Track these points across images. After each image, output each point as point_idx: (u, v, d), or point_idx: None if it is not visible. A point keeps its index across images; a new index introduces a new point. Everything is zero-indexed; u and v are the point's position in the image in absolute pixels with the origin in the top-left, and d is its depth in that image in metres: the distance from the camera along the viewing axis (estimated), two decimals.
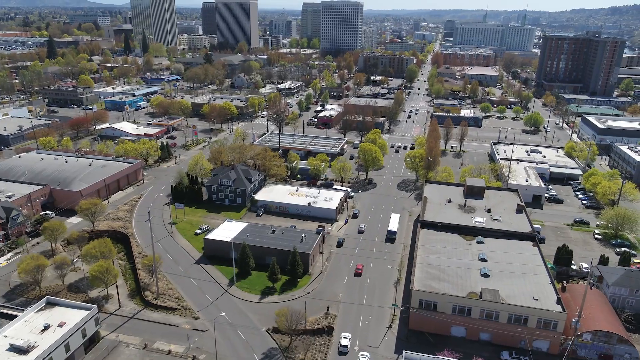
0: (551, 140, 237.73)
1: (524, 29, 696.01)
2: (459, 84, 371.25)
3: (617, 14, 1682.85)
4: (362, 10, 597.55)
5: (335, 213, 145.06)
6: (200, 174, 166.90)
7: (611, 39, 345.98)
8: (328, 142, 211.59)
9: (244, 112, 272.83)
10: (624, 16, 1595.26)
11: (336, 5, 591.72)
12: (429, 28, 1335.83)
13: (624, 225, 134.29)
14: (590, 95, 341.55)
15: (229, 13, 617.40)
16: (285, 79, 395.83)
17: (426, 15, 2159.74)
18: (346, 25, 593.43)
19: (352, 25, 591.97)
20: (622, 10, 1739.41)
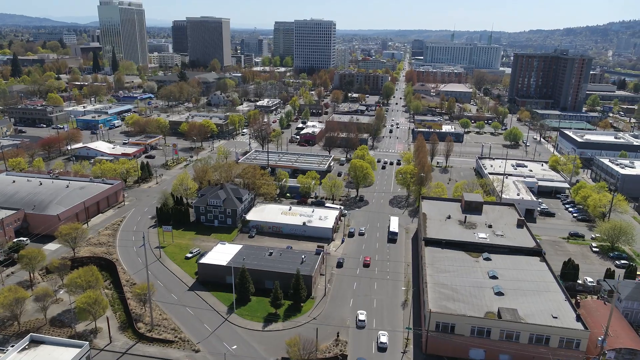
0: (532, 155, 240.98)
1: (491, 47, 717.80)
2: (435, 100, 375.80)
3: (571, 35, 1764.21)
4: (334, 28, 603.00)
5: (332, 232, 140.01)
6: (185, 194, 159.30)
7: (579, 56, 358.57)
8: (315, 159, 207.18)
9: (224, 130, 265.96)
10: (577, 36, 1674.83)
11: (309, 24, 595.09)
12: (396, 47, 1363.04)
13: (620, 237, 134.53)
14: (561, 110, 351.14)
15: (201, 31, 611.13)
16: (262, 96, 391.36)
17: (392, 35, 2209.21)
18: (319, 44, 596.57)
19: (325, 43, 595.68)
20: (576, 31, 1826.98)
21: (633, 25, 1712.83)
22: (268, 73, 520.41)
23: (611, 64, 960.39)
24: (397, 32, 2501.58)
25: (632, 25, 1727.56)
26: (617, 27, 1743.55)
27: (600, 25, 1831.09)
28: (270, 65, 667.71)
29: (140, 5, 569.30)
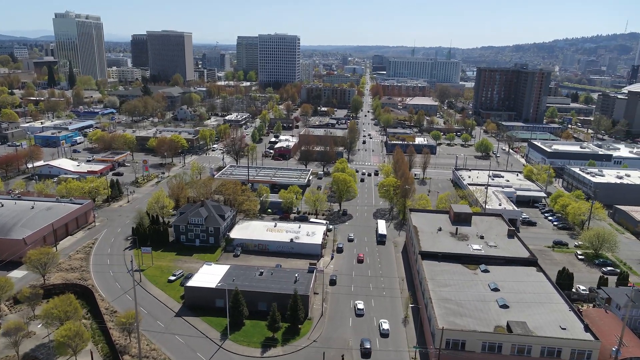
0: (504, 165, 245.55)
1: (451, 62, 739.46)
2: (404, 113, 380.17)
3: (520, 51, 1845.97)
4: (299, 43, 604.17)
5: (321, 248, 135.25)
6: (161, 212, 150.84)
7: (538, 70, 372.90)
8: (293, 174, 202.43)
9: (195, 145, 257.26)
10: (526, 53, 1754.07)
11: (273, 38, 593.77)
12: (356, 62, 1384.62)
13: (603, 244, 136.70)
14: (523, 122, 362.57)
15: (162, 45, 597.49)
16: (229, 110, 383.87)
17: (351, 50, 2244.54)
18: (284, 58, 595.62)
19: (290, 58, 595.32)
20: (525, 47, 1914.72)
21: (576, 43, 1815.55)
22: (233, 87, 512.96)
23: (559, 78, 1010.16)
24: (356, 47, 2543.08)
25: (575, 42, 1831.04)
26: (561, 44, 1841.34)
27: (547, 42, 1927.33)
28: (234, 79, 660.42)
29: (99, 19, 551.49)
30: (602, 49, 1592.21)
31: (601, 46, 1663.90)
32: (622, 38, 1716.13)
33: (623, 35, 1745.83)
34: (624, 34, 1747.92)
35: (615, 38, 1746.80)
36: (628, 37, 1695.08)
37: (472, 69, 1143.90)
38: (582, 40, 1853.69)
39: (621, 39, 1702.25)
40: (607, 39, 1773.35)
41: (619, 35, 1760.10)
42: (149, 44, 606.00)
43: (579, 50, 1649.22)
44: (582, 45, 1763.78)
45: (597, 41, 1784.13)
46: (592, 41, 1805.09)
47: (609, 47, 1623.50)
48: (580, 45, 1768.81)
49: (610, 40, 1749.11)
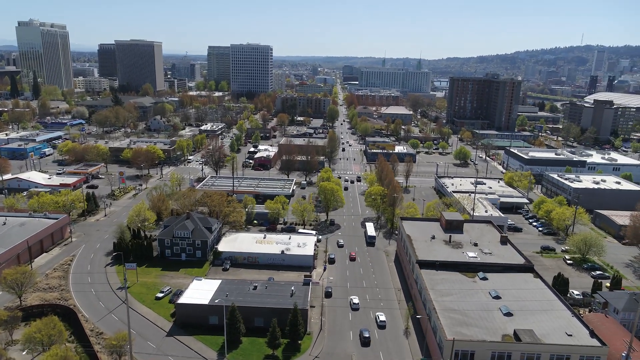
0: (484, 173, 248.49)
1: (421, 72, 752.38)
2: (379, 122, 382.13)
3: (484, 62, 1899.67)
4: (271, 53, 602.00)
5: (313, 260, 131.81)
6: (143, 226, 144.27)
7: (509, 80, 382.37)
8: (277, 184, 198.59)
9: (171, 156, 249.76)
10: (490, 64, 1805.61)
11: (245, 48, 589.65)
12: (326, 73, 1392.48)
13: (590, 249, 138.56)
14: (496, 130, 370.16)
15: (131, 55, 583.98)
16: (203, 120, 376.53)
17: (320, 61, 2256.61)
18: (257, 68, 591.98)
19: (263, 67, 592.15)
20: (488, 59, 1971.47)
21: (536, 54, 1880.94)
22: (206, 97, 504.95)
23: (524, 88, 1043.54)
24: (325, 58, 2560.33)
25: (535, 54, 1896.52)
26: (523, 56, 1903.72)
27: (509, 54, 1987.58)
28: (206, 89, 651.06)
29: (64, 28, 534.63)
30: (560, 60, 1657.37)
31: (560, 57, 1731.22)
32: (578, 50, 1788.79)
33: (579, 47, 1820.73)
34: (580, 46, 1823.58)
35: (572, 50, 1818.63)
36: (584, 49, 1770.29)
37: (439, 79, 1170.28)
38: (541, 52, 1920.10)
39: (578, 51, 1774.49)
40: (565, 51, 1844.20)
41: (575, 48, 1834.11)
42: (117, 53, 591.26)
43: (539, 61, 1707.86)
44: (542, 56, 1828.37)
45: (555, 53, 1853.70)
46: (551, 53, 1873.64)
47: (567, 58, 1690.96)
48: (540, 56, 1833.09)
49: (567, 52, 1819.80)
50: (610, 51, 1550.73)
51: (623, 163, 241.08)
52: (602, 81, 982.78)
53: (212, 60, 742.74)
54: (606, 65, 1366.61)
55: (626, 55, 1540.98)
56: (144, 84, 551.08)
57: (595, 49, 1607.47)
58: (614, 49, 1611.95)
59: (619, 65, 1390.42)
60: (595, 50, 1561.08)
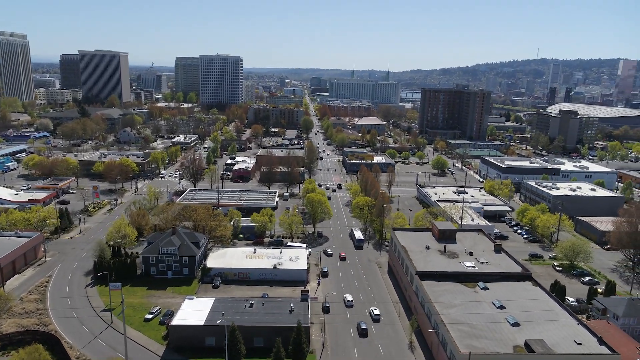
0: (462, 181, 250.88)
1: (390, 84, 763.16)
2: (354, 133, 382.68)
3: (447, 74, 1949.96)
4: (242, 64, 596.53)
5: (306, 274, 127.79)
6: (124, 243, 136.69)
7: (479, 91, 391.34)
8: (260, 196, 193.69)
9: (145, 169, 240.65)
10: (452, 76, 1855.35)
11: (215, 59, 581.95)
12: (293, 84, 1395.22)
13: (578, 255, 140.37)
14: (468, 139, 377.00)
15: (96, 66, 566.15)
16: (175, 132, 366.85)
17: (287, 73, 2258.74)
18: (227, 79, 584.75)
19: (233, 79, 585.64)
20: (451, 71, 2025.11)
21: (496, 67, 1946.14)
22: (175, 109, 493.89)
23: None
24: (292, 70, 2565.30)
25: (495, 66, 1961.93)
26: (483, 68, 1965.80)
27: (470, 66, 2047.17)
28: (173, 101, 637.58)
29: (25, 37, 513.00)
30: (519, 73, 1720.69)
31: (518, 70, 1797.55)
32: (535, 63, 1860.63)
33: (536, 60, 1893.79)
34: (537, 60, 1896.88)
35: (529, 63, 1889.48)
36: (540, 62, 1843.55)
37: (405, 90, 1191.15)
38: (500, 64, 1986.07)
39: (534, 64, 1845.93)
40: (523, 64, 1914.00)
41: (532, 61, 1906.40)
42: (82, 64, 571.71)
43: (499, 73, 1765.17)
44: (501, 69, 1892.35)
45: (514, 66, 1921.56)
46: (509, 65, 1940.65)
47: (525, 71, 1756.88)
48: (500, 69, 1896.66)
49: (525, 65, 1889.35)
50: (564, 64, 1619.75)
51: (594, 170, 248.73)
52: (559, 92, 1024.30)
53: (179, 71, 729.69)
54: (562, 78, 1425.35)
55: (579, 68, 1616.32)
56: (110, 96, 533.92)
57: (551, 62, 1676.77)
58: (567, 62, 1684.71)
59: (573, 77, 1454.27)
60: (551, 63, 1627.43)
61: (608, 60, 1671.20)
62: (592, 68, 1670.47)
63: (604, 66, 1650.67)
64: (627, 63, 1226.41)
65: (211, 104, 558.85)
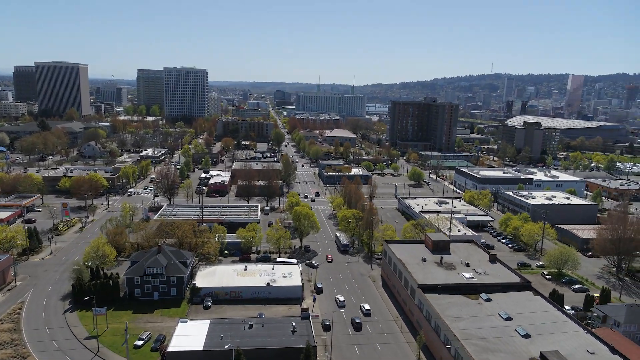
0: (439, 192, 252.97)
1: (356, 97, 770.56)
2: (325, 145, 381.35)
3: (406, 88, 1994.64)
4: (207, 77, 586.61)
5: (302, 290, 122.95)
6: (102, 263, 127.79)
7: (448, 103, 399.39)
8: (241, 210, 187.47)
9: (115, 184, 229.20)
10: (412, 90, 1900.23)
11: (180, 72, 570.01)
12: (256, 98, 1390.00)
13: (566, 263, 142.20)
14: (438, 151, 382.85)
15: (54, 78, 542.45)
16: (141, 146, 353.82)
17: (248, 86, 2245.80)
18: (192, 92, 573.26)
19: (199, 92, 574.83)
20: (410, 85, 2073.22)
21: (453, 81, 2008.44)
22: (140, 122, 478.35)
23: None
24: (253, 83, 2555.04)
25: (452, 81, 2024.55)
26: (441, 83, 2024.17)
27: (428, 81, 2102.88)
28: (135, 114, 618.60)
29: None
30: (475, 87, 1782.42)
31: (474, 84, 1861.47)
32: (489, 78, 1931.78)
33: (490, 75, 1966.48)
34: (491, 74, 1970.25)
35: (484, 78, 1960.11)
36: (494, 77, 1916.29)
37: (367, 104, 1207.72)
38: (457, 79, 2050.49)
39: (489, 79, 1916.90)
40: (478, 78, 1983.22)
41: (487, 75, 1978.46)
42: (38, 76, 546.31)
43: (456, 87, 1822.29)
44: (459, 83, 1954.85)
45: (470, 80, 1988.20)
46: (466, 80, 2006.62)
47: (481, 85, 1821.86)
48: (457, 83, 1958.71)
49: (480, 79, 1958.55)
50: (517, 79, 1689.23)
51: (564, 180, 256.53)
52: (515, 105, 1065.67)
53: (141, 84, 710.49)
54: (515, 92, 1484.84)
55: (530, 83, 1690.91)
56: (68, 109, 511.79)
57: (505, 77, 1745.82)
58: (519, 77, 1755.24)
59: (526, 91, 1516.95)
60: (505, 78, 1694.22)
61: (556, 75, 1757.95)
62: (543, 82, 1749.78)
63: (553, 81, 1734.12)
64: (575, 78, 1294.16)
65: (176, 117, 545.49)
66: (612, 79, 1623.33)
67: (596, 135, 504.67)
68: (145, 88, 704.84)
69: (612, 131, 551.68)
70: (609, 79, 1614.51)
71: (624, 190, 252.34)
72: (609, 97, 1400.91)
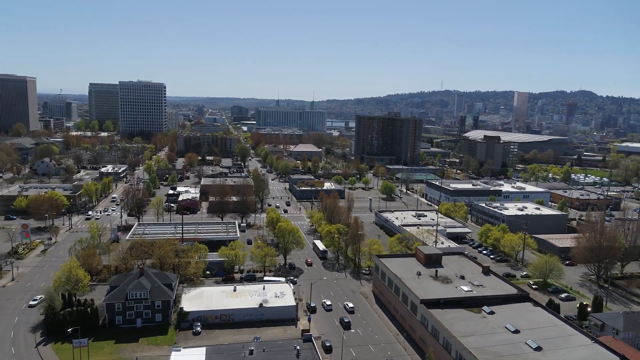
0: (414, 205, 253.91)
1: (317, 112, 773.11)
2: (292, 160, 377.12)
3: (361, 104, 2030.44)
4: (165, 91, 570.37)
5: (296, 310, 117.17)
6: (75, 289, 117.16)
7: (412, 118, 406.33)
8: (218, 228, 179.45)
9: (76, 203, 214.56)
10: (366, 105, 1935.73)
11: (137, 85, 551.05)
12: (211, 113, 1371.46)
13: (551, 272, 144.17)
14: (404, 164, 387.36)
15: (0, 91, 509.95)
16: (99, 162, 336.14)
17: (202, 101, 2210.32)
18: (149, 107, 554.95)
19: (157, 106, 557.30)
20: (364, 101, 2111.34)
21: (406, 97, 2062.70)
22: (95, 137, 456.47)
23: None
24: (207, 99, 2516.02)
25: (405, 97, 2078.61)
26: (394, 99, 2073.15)
27: (382, 97, 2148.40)
28: (87, 129, 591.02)
29: None
30: (427, 103, 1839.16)
31: (426, 100, 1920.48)
32: (440, 94, 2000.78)
33: (440, 92, 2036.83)
34: (441, 91, 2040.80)
35: (435, 94, 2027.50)
36: (444, 93, 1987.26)
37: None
38: (409, 95, 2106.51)
39: (439, 95, 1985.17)
40: (430, 95, 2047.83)
41: (437, 92, 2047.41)
42: None
43: (408, 103, 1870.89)
44: (411, 99, 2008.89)
45: (422, 96, 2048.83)
46: (418, 96, 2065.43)
47: (432, 101, 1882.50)
48: (410, 99, 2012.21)
49: (432, 95, 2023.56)
50: (466, 95, 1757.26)
51: (530, 191, 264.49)
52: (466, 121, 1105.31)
53: (93, 98, 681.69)
54: (465, 108, 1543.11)
55: (478, 99, 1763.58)
56: (15, 124, 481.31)
57: (454, 93, 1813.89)
58: (468, 94, 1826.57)
59: (475, 107, 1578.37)
60: (455, 94, 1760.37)
61: (502, 92, 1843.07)
62: (490, 99, 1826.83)
63: (499, 97, 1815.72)
64: (520, 95, 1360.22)
65: (132, 133, 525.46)
66: (552, 96, 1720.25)
67: (547, 148, 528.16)
68: (97, 102, 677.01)
69: (560, 144, 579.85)
70: (550, 96, 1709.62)
71: (584, 200, 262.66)
72: (551, 113, 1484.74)
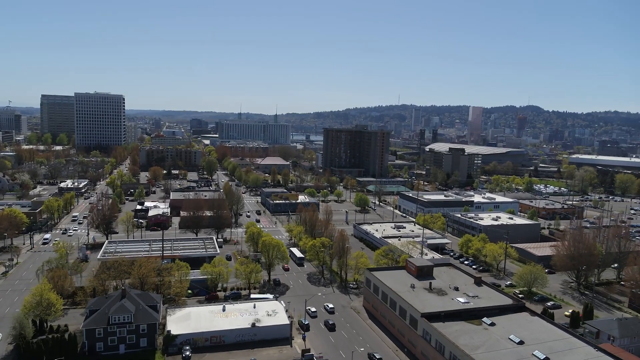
0: (389, 217, 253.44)
1: (282, 125, 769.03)
2: (260, 173, 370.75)
3: (321, 118, 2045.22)
4: (124, 103, 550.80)
5: (290, 329, 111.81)
6: (47, 314, 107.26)
7: (379, 131, 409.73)
8: (196, 244, 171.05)
9: (37, 220, 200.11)
10: (326, 119, 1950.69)
11: (94, 97, 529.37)
12: (169, 126, 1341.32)
13: (535, 281, 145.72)
14: (372, 177, 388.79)
15: None
16: (56, 177, 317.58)
17: (158, 115, 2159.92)
18: (107, 119, 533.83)
19: (115, 119, 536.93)
20: (324, 115, 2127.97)
21: (364, 111, 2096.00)
22: (49, 151, 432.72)
23: None
24: (163, 112, 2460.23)
25: (363, 111, 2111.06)
26: (353, 112, 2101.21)
27: (341, 110, 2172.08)
28: (39, 143, 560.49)
29: None
30: (386, 117, 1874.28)
31: (384, 114, 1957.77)
32: (397, 108, 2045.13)
33: (398, 106, 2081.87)
34: (399, 105, 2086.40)
35: (393, 108, 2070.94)
36: (401, 107, 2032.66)
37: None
38: (368, 109, 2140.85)
39: (397, 109, 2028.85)
40: (387, 109, 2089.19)
41: (395, 106, 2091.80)
42: None
43: (367, 117, 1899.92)
44: (370, 113, 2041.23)
45: (380, 110, 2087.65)
46: (376, 110, 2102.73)
47: (390, 115, 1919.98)
48: (368, 113, 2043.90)
49: (389, 110, 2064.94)
50: (422, 110, 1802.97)
51: (500, 201, 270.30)
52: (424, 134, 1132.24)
53: (45, 110, 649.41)
54: (423, 121, 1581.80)
55: (434, 113, 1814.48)
56: None
57: (411, 107, 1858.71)
58: (424, 108, 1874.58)
59: (432, 121, 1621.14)
60: (412, 108, 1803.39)
61: (457, 106, 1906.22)
62: (445, 113, 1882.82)
63: (454, 111, 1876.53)
64: (475, 109, 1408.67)
65: (89, 146, 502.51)
66: (503, 110, 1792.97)
67: (505, 160, 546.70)
68: (50, 115, 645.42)
69: (517, 156, 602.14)
70: (501, 110, 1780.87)
71: (551, 210, 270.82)
72: (503, 126, 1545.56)
